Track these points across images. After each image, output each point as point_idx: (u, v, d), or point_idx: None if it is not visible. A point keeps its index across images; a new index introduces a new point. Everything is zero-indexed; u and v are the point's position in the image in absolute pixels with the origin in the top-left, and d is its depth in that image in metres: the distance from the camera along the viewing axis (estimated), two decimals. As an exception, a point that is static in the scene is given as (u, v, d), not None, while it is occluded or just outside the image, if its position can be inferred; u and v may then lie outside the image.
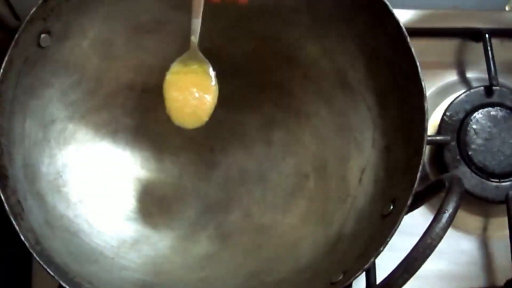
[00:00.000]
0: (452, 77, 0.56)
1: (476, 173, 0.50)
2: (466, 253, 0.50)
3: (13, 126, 0.40)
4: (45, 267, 0.36)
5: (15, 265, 0.48)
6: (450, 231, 0.32)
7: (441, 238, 0.31)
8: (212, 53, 0.49)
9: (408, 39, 0.39)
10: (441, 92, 0.54)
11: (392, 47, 0.41)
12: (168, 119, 0.41)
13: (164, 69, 0.49)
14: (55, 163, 0.44)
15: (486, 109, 0.51)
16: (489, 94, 0.52)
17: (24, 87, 0.40)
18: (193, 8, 0.40)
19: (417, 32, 0.52)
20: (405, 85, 0.40)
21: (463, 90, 0.53)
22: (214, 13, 0.47)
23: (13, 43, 0.38)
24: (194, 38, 0.40)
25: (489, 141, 0.50)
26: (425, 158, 0.52)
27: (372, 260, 0.35)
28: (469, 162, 0.50)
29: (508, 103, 0.51)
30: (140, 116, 0.50)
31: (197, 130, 0.42)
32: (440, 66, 0.56)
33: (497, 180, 0.50)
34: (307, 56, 0.48)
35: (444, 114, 0.51)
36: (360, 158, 0.45)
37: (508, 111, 0.51)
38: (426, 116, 0.38)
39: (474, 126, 0.50)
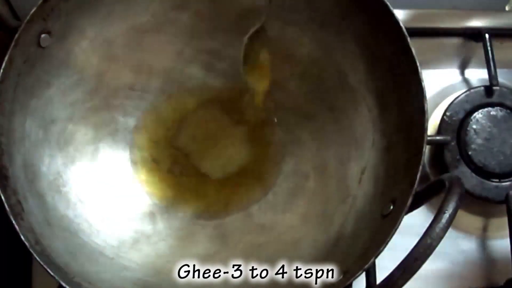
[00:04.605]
0: (452, 77, 0.56)
1: (476, 173, 0.50)
2: (466, 253, 0.50)
3: (13, 126, 0.40)
4: (45, 267, 0.36)
5: (15, 265, 0.48)
6: (450, 231, 0.32)
7: (441, 238, 0.31)
8: (212, 52, 0.49)
9: (408, 39, 0.39)
10: (441, 92, 0.54)
11: (392, 47, 0.41)
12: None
13: (164, 69, 0.49)
14: (55, 163, 0.44)
15: (486, 109, 0.51)
16: (489, 94, 0.52)
17: (24, 87, 0.40)
18: None
19: (417, 32, 0.52)
20: (405, 85, 0.40)
21: (463, 90, 0.52)
22: (214, 13, 0.48)
23: (13, 43, 0.38)
24: None
25: (489, 141, 0.50)
26: (425, 158, 0.52)
27: (372, 260, 0.35)
28: (469, 162, 0.50)
29: (508, 103, 0.51)
30: (140, 116, 0.50)
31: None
32: (440, 66, 0.55)
33: (497, 180, 0.50)
34: (306, 56, 0.48)
35: (444, 114, 0.51)
36: (360, 158, 0.45)
37: (508, 111, 0.51)
38: (426, 116, 0.38)
39: (474, 126, 0.50)
